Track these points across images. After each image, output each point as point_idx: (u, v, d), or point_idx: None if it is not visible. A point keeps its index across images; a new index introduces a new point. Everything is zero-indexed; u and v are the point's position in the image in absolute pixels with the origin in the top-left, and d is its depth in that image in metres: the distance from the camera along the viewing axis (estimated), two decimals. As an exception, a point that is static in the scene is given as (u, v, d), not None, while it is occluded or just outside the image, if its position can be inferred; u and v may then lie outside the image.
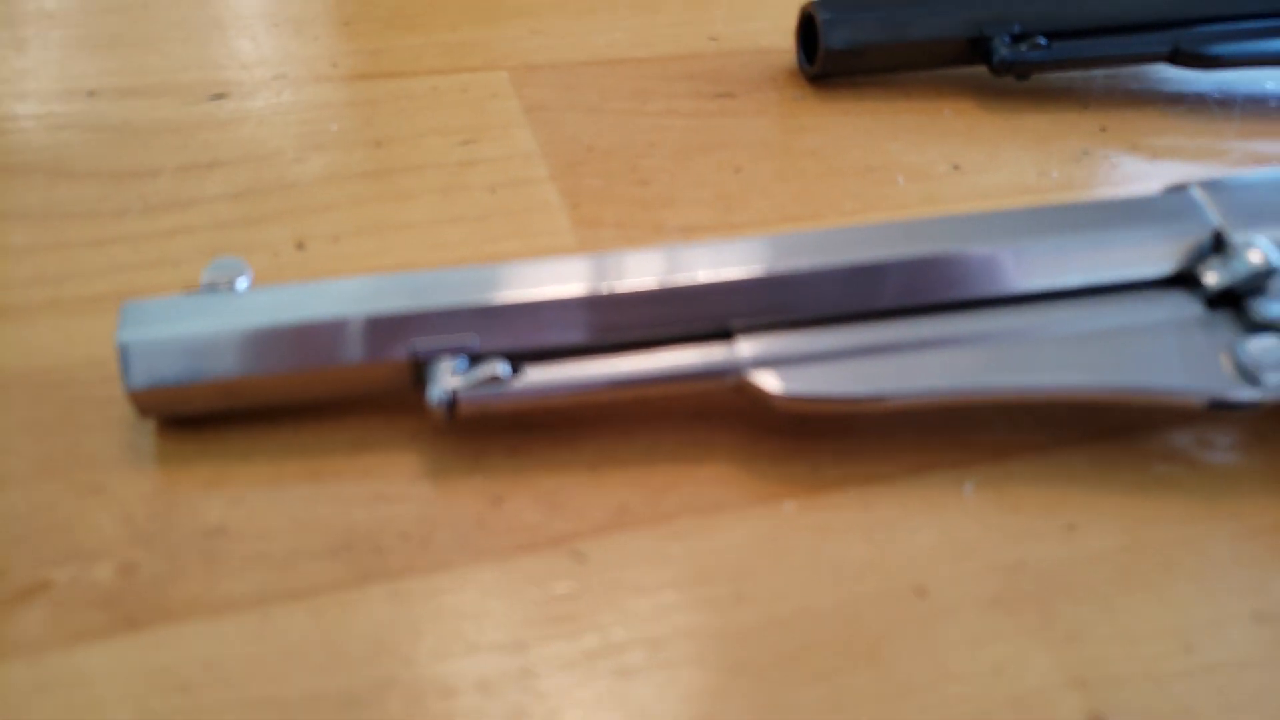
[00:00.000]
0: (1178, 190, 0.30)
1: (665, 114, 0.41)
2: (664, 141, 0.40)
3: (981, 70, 0.44)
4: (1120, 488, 0.28)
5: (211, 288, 0.27)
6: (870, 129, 0.42)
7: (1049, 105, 0.44)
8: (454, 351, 0.26)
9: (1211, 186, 0.30)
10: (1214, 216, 0.29)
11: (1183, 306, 0.28)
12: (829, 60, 0.43)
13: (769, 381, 0.26)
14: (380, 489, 0.27)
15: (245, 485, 0.26)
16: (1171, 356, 0.28)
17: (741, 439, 0.28)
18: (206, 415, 0.27)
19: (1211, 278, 0.28)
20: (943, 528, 0.27)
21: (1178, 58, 0.43)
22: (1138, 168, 0.41)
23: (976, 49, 0.43)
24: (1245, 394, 0.27)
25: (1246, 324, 0.28)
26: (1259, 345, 0.27)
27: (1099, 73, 0.46)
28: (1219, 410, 0.27)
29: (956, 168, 0.40)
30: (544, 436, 0.28)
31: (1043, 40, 0.43)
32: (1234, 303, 0.28)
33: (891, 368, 0.27)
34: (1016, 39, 0.43)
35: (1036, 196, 0.39)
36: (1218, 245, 0.29)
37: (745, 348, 0.27)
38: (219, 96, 0.41)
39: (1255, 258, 0.28)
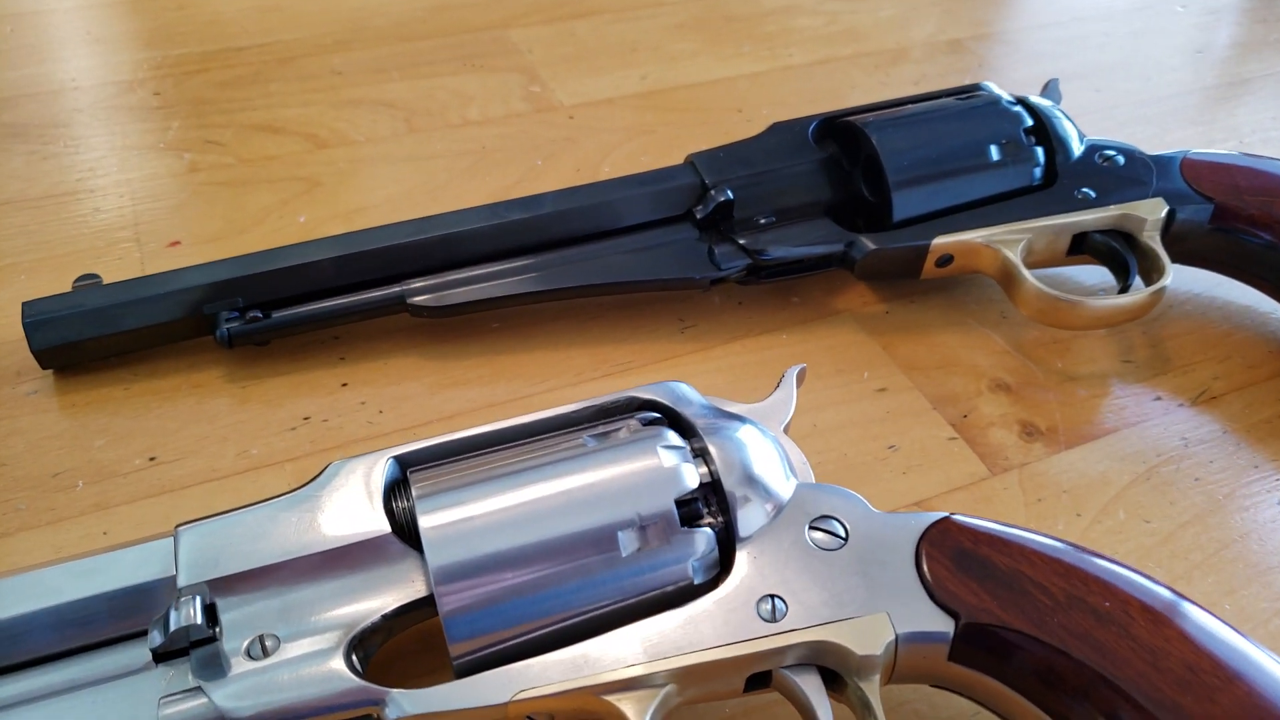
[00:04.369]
0: (169, 536, 0.32)
1: None
2: None
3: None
4: None
5: None
6: (84, 426, 0.43)
7: (302, 364, 0.46)
8: None
9: (191, 529, 0.32)
10: (177, 570, 0.31)
11: (131, 661, 0.30)
12: (44, 359, 0.44)
13: None
14: None
15: None
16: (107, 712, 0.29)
17: None
18: None
19: (154, 635, 0.30)
20: None
21: (409, 309, 0.46)
22: (336, 436, 0.43)
23: (205, 325, 0.45)
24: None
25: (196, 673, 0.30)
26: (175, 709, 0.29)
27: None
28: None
29: (153, 460, 0.42)
30: None
31: (259, 313, 0.45)
32: (186, 651, 0.30)
33: None
34: (243, 311, 0.45)
35: (220, 483, 0.41)
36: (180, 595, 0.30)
37: None
38: None
39: (191, 615, 0.29)
